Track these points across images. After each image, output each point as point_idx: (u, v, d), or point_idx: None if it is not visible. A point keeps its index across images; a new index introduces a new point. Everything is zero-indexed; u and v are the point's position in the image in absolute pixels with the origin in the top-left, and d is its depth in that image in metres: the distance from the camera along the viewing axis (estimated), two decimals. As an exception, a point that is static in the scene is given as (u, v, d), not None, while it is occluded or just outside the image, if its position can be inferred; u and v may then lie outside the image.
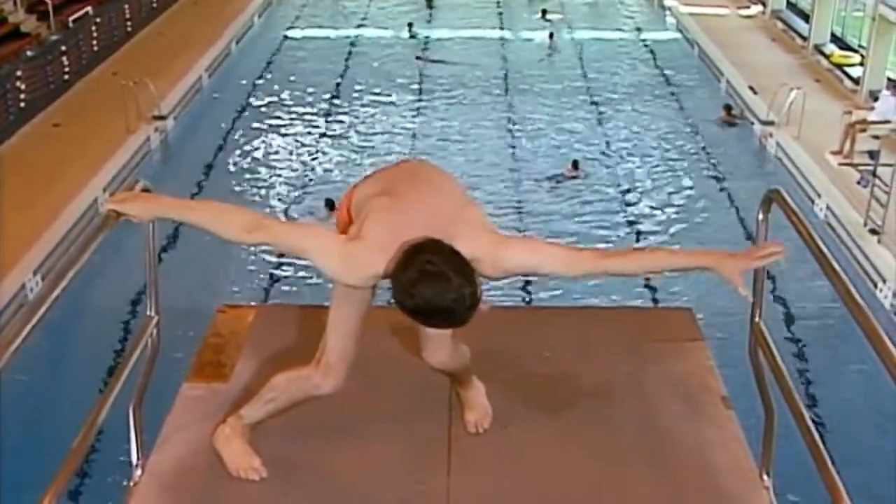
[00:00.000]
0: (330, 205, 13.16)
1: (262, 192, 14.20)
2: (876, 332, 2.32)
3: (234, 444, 3.18)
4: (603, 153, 15.73)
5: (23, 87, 15.28)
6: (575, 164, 14.77)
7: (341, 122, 17.21)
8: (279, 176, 14.85)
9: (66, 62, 16.92)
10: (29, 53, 16.28)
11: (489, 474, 3.21)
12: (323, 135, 16.58)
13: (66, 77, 16.87)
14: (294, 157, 15.63)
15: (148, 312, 3.27)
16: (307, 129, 16.78)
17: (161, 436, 3.37)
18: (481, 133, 16.70)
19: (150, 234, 3.15)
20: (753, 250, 2.81)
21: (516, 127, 16.94)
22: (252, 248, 12.38)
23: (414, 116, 17.54)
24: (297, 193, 14.11)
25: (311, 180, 14.74)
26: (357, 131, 16.78)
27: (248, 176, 14.75)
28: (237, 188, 14.23)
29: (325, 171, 15.15)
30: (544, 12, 23.77)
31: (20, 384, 8.16)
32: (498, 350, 3.75)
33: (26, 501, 2.59)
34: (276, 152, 15.79)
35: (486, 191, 13.70)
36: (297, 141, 16.32)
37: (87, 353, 9.65)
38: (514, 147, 16.07)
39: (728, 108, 17.20)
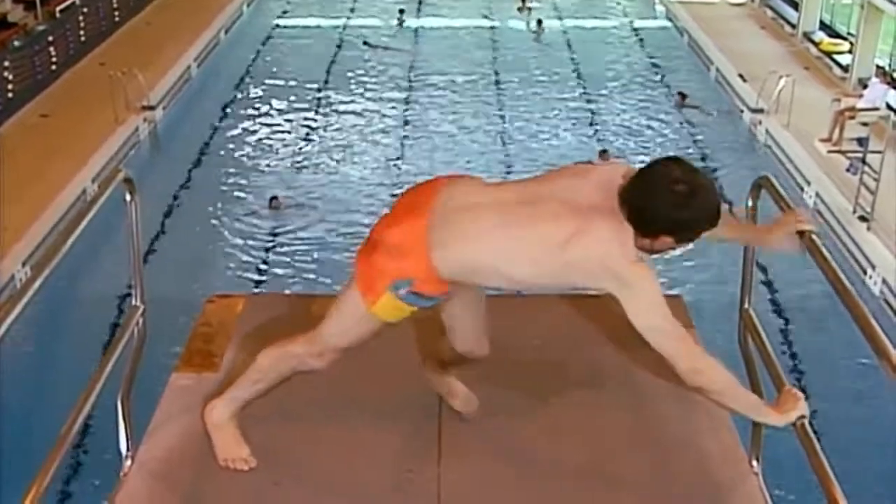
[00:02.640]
0: (273, 201, 13.06)
1: (252, 182, 14.14)
2: (866, 319, 2.33)
3: (226, 430, 3.14)
4: (593, 142, 15.72)
5: (10, 77, 15.19)
6: (603, 153, 14.60)
7: (331, 111, 17.15)
8: (268, 166, 14.80)
9: (53, 52, 16.80)
10: (16, 43, 16.16)
11: (480, 462, 3.21)
12: (313, 125, 16.52)
13: (54, 67, 16.76)
14: (283, 148, 15.57)
15: (133, 302, 3.26)
16: (297, 119, 16.72)
17: (150, 426, 3.35)
18: (472, 122, 16.67)
19: (133, 223, 3.13)
20: (794, 215, 2.83)
21: (506, 116, 16.90)
22: (242, 239, 12.36)
23: (405, 105, 17.49)
24: (286, 184, 14.06)
25: (301, 170, 14.70)
26: (347, 121, 16.72)
27: (237, 166, 14.70)
28: (226, 179, 14.20)
29: (316, 161, 15.10)
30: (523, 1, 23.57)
31: (9, 377, 8.14)
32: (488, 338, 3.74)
33: (11, 494, 2.57)
34: (266, 142, 15.74)
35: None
36: (286, 131, 16.26)
37: (76, 344, 9.60)
38: (503, 137, 16.04)
39: (682, 94, 17.23)
